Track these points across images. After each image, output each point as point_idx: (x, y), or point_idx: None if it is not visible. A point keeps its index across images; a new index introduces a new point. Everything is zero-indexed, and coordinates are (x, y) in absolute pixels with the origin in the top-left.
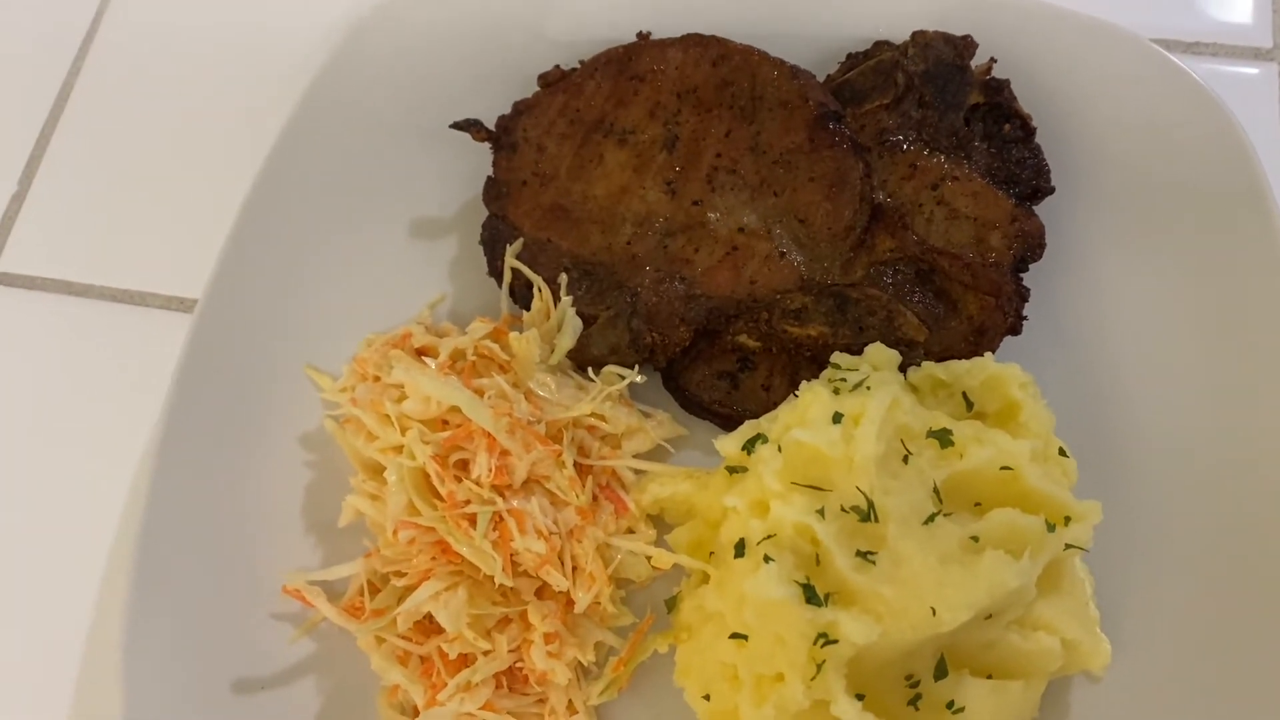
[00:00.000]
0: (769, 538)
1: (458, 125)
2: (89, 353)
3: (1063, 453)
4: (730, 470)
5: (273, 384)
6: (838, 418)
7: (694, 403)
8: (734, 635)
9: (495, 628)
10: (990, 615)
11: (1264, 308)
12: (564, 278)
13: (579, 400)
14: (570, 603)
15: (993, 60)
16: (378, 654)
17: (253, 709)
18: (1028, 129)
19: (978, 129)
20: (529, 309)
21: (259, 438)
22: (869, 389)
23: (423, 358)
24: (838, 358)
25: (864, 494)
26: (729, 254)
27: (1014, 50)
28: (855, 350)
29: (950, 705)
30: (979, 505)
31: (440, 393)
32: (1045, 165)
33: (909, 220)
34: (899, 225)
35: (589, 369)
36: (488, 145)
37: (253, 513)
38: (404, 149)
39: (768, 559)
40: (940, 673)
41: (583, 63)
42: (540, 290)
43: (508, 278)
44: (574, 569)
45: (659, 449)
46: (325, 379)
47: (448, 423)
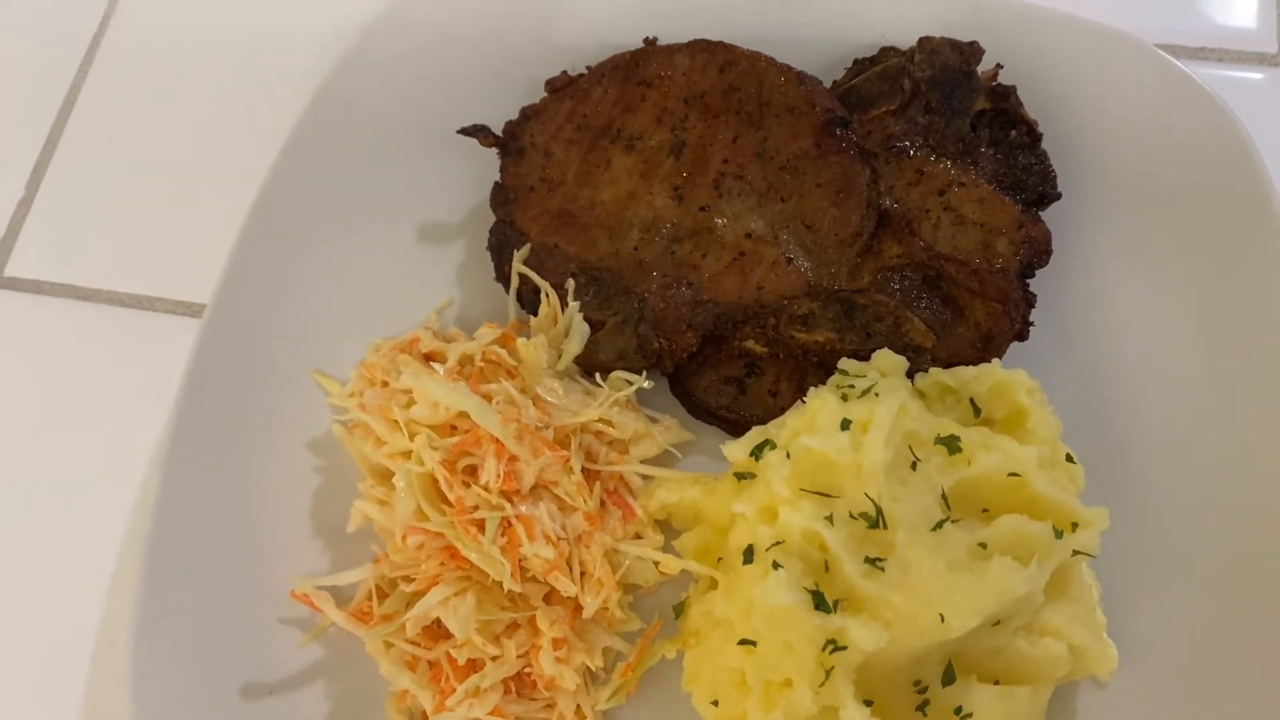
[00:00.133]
0: (778, 544)
1: (465, 131)
2: (97, 357)
3: (1070, 459)
4: (738, 476)
5: (280, 389)
6: (846, 424)
7: (701, 408)
8: (742, 641)
9: (504, 633)
10: (998, 621)
11: (1270, 313)
12: (571, 283)
13: (587, 406)
14: (578, 608)
15: (999, 66)
16: (386, 659)
17: (261, 714)
18: (1034, 135)
19: (984, 135)
20: (536, 314)
21: (267, 442)
22: (877, 395)
23: (430, 363)
24: (845, 364)
25: (872, 501)
26: (736, 260)
27: (1020, 56)
28: (862, 356)
29: (958, 711)
30: (987, 511)
31: (448, 398)
32: (1051, 171)
33: (916, 226)
34: (906, 231)
35: (596, 374)
36: (495, 151)
37: (261, 517)
38: (411, 154)
39: (776, 565)
40: (948, 679)
41: (590, 68)
42: (548, 296)
43: (515, 283)
44: (582, 574)
45: (666, 454)
46: (333, 384)
47: (456, 428)
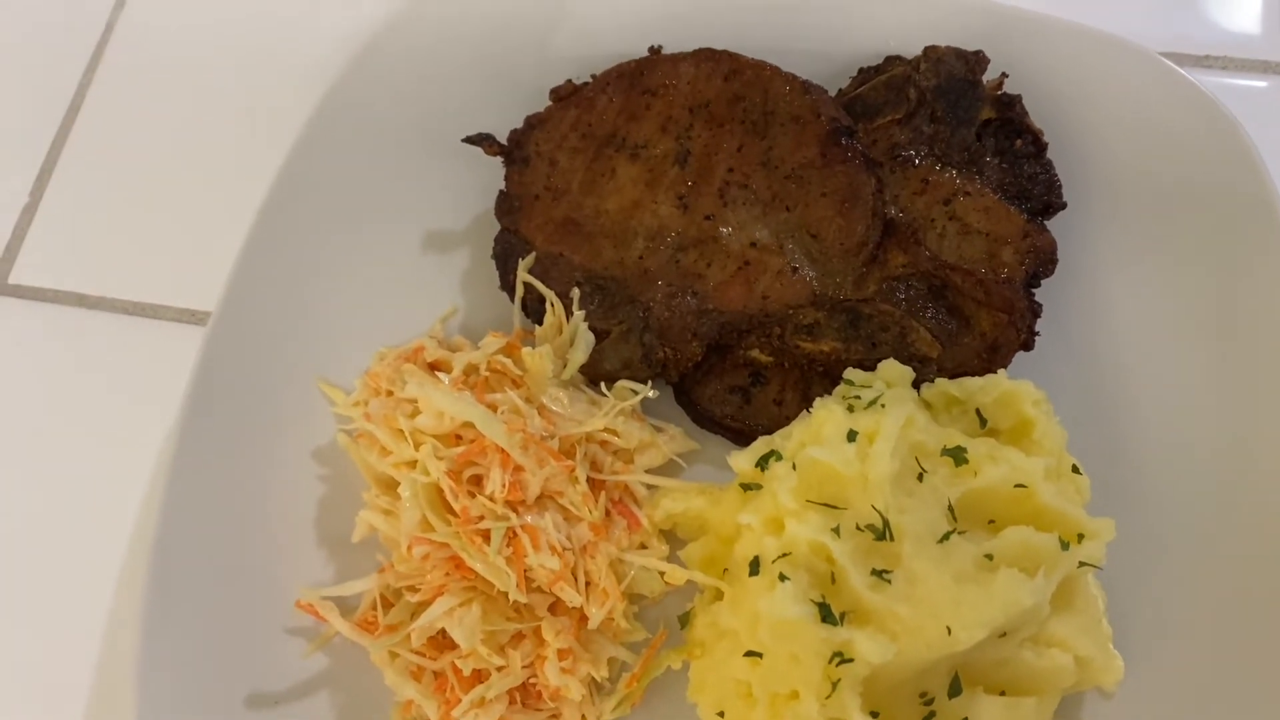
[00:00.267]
0: (784, 556)
1: (470, 139)
2: (101, 365)
3: (1076, 470)
4: (744, 487)
5: (285, 397)
6: (852, 435)
7: (706, 417)
8: (749, 653)
9: (509, 643)
10: (1004, 633)
11: (1277, 323)
12: (576, 292)
13: (592, 415)
14: (584, 618)
15: (1004, 75)
16: (391, 669)
17: None
18: (1039, 144)
19: (989, 144)
20: (541, 323)
21: (271, 451)
22: (883, 406)
23: (435, 372)
24: (851, 374)
25: (879, 512)
26: (741, 269)
27: (1025, 65)
28: (868, 366)
29: None
30: (993, 523)
31: (454, 408)
32: (1057, 180)
33: (921, 236)
34: (911, 241)
35: (601, 384)
36: (500, 159)
37: (266, 527)
38: (416, 162)
39: (783, 577)
40: (954, 690)
41: (595, 77)
42: (553, 305)
43: (520, 292)
44: (587, 585)
45: (671, 464)
46: (338, 393)
47: (461, 438)
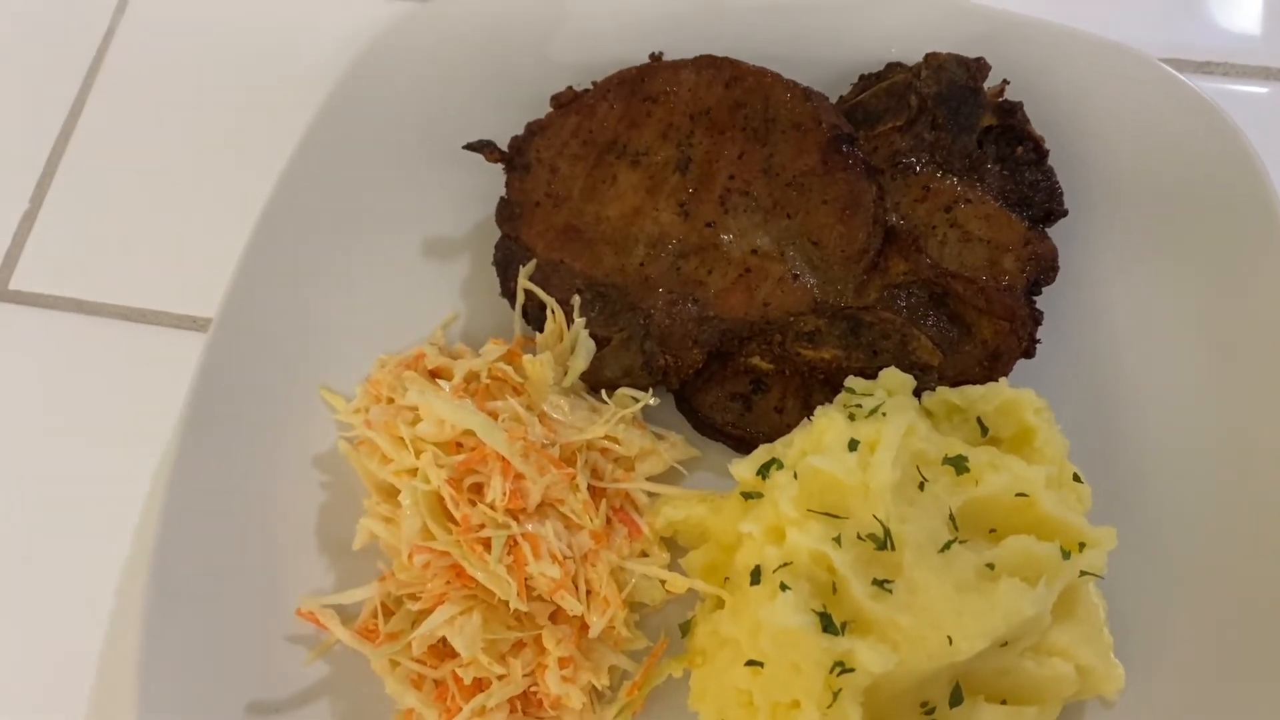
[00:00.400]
0: (785, 565)
1: (471, 146)
2: (101, 372)
3: (1077, 478)
4: (745, 495)
5: (286, 404)
6: (854, 444)
7: (707, 424)
8: (750, 662)
9: (510, 652)
10: (1006, 642)
11: (1278, 329)
12: (577, 299)
13: (592, 423)
14: (584, 627)
15: (1005, 82)
16: (392, 678)
17: None
18: (1040, 151)
19: (990, 151)
20: (542, 330)
21: (272, 458)
22: (884, 415)
23: (436, 380)
24: (852, 382)
25: (880, 522)
26: (742, 276)
27: (1027, 72)
28: (869, 374)
29: None
30: (994, 532)
31: (455, 416)
32: (1058, 187)
33: (922, 243)
34: (912, 248)
35: (602, 391)
36: (501, 166)
37: (266, 534)
38: (417, 169)
39: (784, 587)
40: (955, 700)
41: (595, 83)
42: (554, 312)
43: (521, 299)
44: (588, 593)
45: (672, 471)
46: (339, 400)
47: (462, 445)
